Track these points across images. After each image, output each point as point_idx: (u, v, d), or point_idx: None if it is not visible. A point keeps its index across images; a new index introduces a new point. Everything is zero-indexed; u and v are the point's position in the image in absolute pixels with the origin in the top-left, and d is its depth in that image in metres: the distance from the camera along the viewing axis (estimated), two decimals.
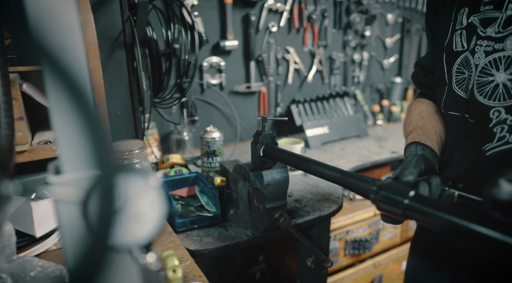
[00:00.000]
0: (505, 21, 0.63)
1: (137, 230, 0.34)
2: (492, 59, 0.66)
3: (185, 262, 0.83)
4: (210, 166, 1.37)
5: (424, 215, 0.50)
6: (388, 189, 0.55)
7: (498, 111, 0.66)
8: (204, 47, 1.76)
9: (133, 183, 0.33)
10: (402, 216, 0.53)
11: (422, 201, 0.51)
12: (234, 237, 1.07)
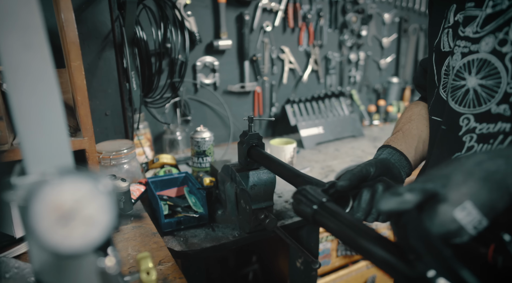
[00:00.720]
0: (484, 20, 0.58)
1: (85, 234, 0.33)
2: (466, 61, 0.61)
3: (166, 264, 0.83)
4: (200, 166, 1.36)
5: (326, 223, 0.52)
6: (304, 193, 0.57)
7: (468, 119, 0.62)
8: (197, 46, 1.75)
9: (81, 185, 0.33)
10: (311, 221, 0.54)
11: (327, 209, 0.52)
12: (221, 238, 1.07)
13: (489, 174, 0.42)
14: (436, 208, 0.43)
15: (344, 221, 0.49)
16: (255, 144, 1.02)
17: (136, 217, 0.44)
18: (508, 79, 0.56)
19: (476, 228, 0.42)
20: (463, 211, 0.41)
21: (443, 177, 0.44)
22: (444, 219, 0.42)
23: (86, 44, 1.22)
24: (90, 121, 0.88)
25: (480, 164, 0.43)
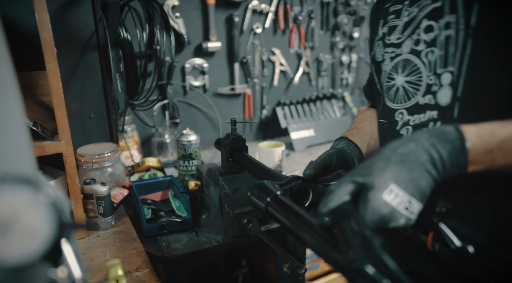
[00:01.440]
0: (402, 27, 0.67)
1: (24, 245, 0.31)
2: (394, 64, 0.69)
3: (144, 270, 0.81)
4: (187, 169, 1.34)
5: (277, 215, 0.54)
6: (260, 186, 0.60)
7: (401, 113, 0.69)
8: (186, 48, 1.73)
9: (19, 194, 0.31)
10: (265, 213, 0.57)
11: (280, 202, 0.55)
12: (204, 243, 1.05)
13: (404, 156, 0.46)
14: (367, 196, 0.46)
15: (293, 213, 0.51)
16: (238, 147, 1.01)
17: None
18: (427, 72, 0.63)
19: (409, 209, 0.45)
20: (390, 193, 0.45)
21: (367, 167, 0.48)
22: (376, 204, 0.45)
23: (68, 46, 1.20)
24: (67, 125, 0.86)
25: (395, 149, 0.47)
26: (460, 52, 0.57)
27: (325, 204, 0.48)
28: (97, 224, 0.97)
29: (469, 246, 0.46)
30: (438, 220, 0.48)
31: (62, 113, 0.84)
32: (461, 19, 0.56)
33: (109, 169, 1.19)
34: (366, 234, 0.41)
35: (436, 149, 0.46)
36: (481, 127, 0.47)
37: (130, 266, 0.82)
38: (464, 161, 0.46)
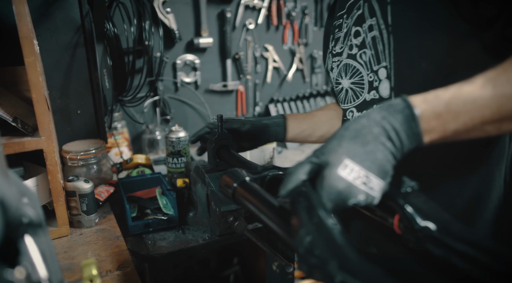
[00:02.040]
0: (343, 38, 0.75)
1: None
2: (338, 70, 0.77)
3: (125, 269, 0.79)
4: (175, 166, 1.33)
5: (243, 201, 0.55)
6: (229, 174, 0.61)
7: (351, 111, 0.76)
8: (177, 44, 1.71)
9: None
10: (231, 198, 0.58)
11: (247, 187, 0.56)
12: (190, 241, 1.03)
13: (356, 132, 0.46)
14: (322, 174, 0.46)
15: (258, 197, 0.51)
16: (225, 144, 0.99)
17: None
18: (366, 71, 0.69)
19: (367, 184, 0.44)
20: (345, 168, 0.44)
21: (322, 148, 0.48)
22: (331, 180, 0.44)
23: (54, 40, 1.18)
24: (47, 120, 0.84)
25: (347, 127, 0.47)
26: (387, 48, 0.63)
27: (283, 186, 0.47)
28: (81, 221, 0.96)
29: (431, 224, 0.45)
30: (403, 201, 0.47)
31: (42, 109, 0.82)
32: (380, 21, 0.64)
33: (95, 166, 1.17)
34: (319, 214, 0.41)
35: (388, 121, 0.45)
36: (425, 94, 0.46)
37: (111, 265, 0.80)
38: (417, 128, 0.45)
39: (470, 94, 0.44)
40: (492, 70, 0.44)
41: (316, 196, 0.45)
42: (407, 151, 0.47)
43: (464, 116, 0.44)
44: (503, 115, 0.43)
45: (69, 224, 0.96)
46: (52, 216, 0.91)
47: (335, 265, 0.37)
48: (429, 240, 0.45)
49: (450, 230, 0.44)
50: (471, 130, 0.46)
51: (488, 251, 0.40)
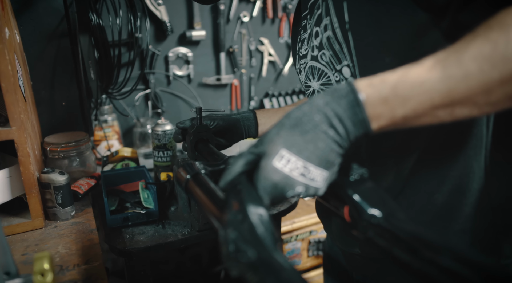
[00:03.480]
0: (307, 39, 0.72)
1: None
2: (305, 73, 0.73)
3: (92, 263, 0.77)
4: (161, 160, 1.30)
5: (192, 192, 0.55)
6: (185, 165, 0.60)
7: None
8: (169, 37, 1.69)
9: None
10: (183, 189, 0.57)
11: (198, 180, 0.55)
12: (169, 235, 1.01)
13: (297, 120, 0.43)
14: (259, 165, 0.43)
15: (206, 190, 0.51)
16: (203, 137, 0.96)
17: None
18: (331, 71, 0.66)
19: (306, 176, 0.42)
20: (281, 159, 0.41)
21: (263, 137, 0.45)
22: (266, 172, 0.42)
23: (37, 31, 1.16)
24: (18, 110, 0.82)
25: (289, 115, 0.44)
26: (346, 46, 0.60)
27: (222, 178, 0.45)
28: (56, 214, 0.94)
29: (377, 211, 0.43)
30: (351, 189, 0.45)
31: (11, 98, 0.81)
32: (334, 19, 0.60)
33: (78, 158, 1.15)
34: (245, 209, 0.39)
35: (331, 107, 0.42)
36: (371, 78, 0.43)
37: (79, 259, 0.79)
38: (362, 114, 0.41)
39: (418, 77, 0.40)
40: (442, 52, 0.41)
41: (248, 189, 0.43)
42: (355, 139, 0.44)
43: (412, 100, 0.41)
44: (454, 99, 0.40)
45: (45, 217, 0.95)
46: (27, 208, 0.90)
47: (252, 259, 0.36)
48: (375, 228, 0.43)
49: (395, 216, 0.42)
50: (422, 116, 0.42)
51: (426, 240, 0.38)
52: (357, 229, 0.46)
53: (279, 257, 0.35)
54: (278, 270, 0.34)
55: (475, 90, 0.39)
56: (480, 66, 0.38)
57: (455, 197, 0.61)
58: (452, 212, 0.61)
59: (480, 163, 0.60)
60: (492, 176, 0.60)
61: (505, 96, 0.39)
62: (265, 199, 0.43)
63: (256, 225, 0.38)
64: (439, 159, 0.60)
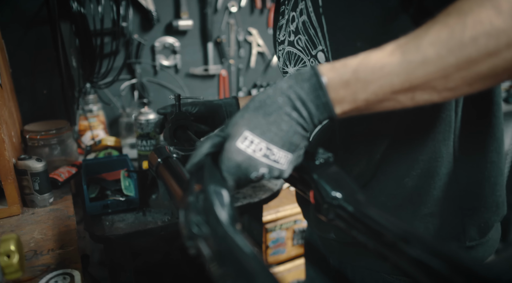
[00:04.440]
0: (285, 25, 0.71)
1: None
2: (283, 59, 0.73)
3: (67, 248, 0.77)
4: (144, 149, 1.30)
5: (162, 175, 0.56)
6: (157, 149, 0.61)
7: None
8: (156, 26, 1.68)
9: None
10: (154, 172, 0.58)
11: (168, 164, 0.55)
12: (149, 223, 1.01)
13: (261, 102, 0.43)
14: (224, 147, 0.44)
15: (175, 174, 0.50)
16: (182, 124, 0.96)
17: None
18: (307, 57, 0.65)
19: (269, 157, 0.42)
20: (244, 140, 0.42)
21: (229, 120, 0.46)
22: (229, 153, 0.43)
23: (16, 17, 1.14)
24: None
25: (254, 98, 0.44)
26: (320, 30, 0.59)
27: (189, 160, 0.45)
28: (34, 201, 0.94)
29: (339, 194, 0.43)
30: (316, 173, 0.46)
31: None
32: (309, 3, 0.60)
33: (58, 147, 1.15)
34: (206, 189, 0.39)
35: (294, 90, 0.42)
36: (334, 62, 0.43)
37: (55, 244, 0.79)
38: (325, 97, 0.42)
39: (378, 61, 0.41)
40: (403, 37, 0.41)
41: (211, 170, 0.43)
42: (319, 123, 0.44)
43: (373, 84, 0.41)
44: (413, 83, 0.40)
45: (23, 203, 0.95)
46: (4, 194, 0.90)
47: (209, 239, 0.36)
48: (336, 210, 0.43)
49: (355, 199, 0.43)
50: (384, 101, 0.42)
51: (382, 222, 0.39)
52: (321, 212, 0.47)
53: (238, 239, 0.35)
54: (237, 253, 0.34)
55: (433, 75, 0.39)
56: (438, 51, 0.38)
57: (424, 181, 0.61)
58: (421, 195, 0.62)
59: (449, 147, 0.60)
60: (459, 161, 0.61)
61: (462, 81, 0.39)
62: (228, 180, 0.44)
63: (215, 205, 0.39)
64: (409, 143, 0.61)
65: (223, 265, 0.33)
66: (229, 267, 0.33)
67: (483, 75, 0.38)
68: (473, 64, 0.38)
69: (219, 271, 0.33)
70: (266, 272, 0.31)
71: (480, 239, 0.64)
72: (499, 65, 0.37)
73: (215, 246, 0.35)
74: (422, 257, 0.34)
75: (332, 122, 0.46)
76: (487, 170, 0.61)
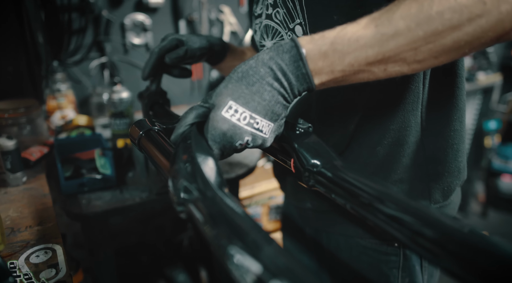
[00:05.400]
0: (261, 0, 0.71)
1: None
2: (260, 32, 0.73)
3: (46, 224, 0.77)
4: (118, 128, 1.29)
5: (145, 147, 0.55)
6: (139, 122, 0.61)
7: None
8: (126, 2, 1.62)
9: None
10: (137, 145, 0.58)
11: (150, 136, 0.55)
12: (127, 200, 1.01)
13: (243, 73, 0.45)
14: (209, 117, 0.45)
15: (158, 145, 0.51)
16: (158, 100, 0.96)
17: None
18: (284, 30, 0.66)
19: (253, 126, 0.44)
20: (229, 110, 0.44)
21: (212, 91, 0.47)
22: (215, 122, 0.44)
23: None
24: None
25: (236, 69, 0.46)
26: (298, 4, 0.60)
27: (174, 131, 0.46)
28: (5, 180, 0.91)
29: (318, 161, 0.46)
30: (296, 142, 0.48)
31: None
32: None
33: (28, 126, 1.11)
34: (193, 154, 0.41)
35: (275, 61, 0.44)
36: (313, 35, 0.46)
37: (32, 221, 0.78)
38: (304, 68, 0.44)
39: (354, 33, 0.43)
40: (377, 11, 0.44)
41: (197, 139, 0.44)
42: (299, 94, 0.46)
43: (349, 56, 0.43)
44: (386, 55, 0.43)
45: None
46: None
47: (200, 201, 0.37)
48: (316, 176, 0.46)
49: (334, 165, 0.45)
50: (359, 72, 0.45)
51: (363, 186, 0.41)
52: (301, 179, 0.49)
53: (228, 200, 0.36)
54: (228, 213, 0.35)
55: (404, 47, 0.42)
56: (408, 24, 0.41)
57: (394, 149, 0.65)
58: (391, 163, 0.66)
59: (417, 117, 0.64)
60: (426, 130, 0.65)
61: (430, 53, 0.42)
62: (214, 149, 0.45)
63: (204, 170, 0.40)
64: (381, 114, 0.64)
65: (215, 226, 0.34)
66: (222, 227, 0.34)
67: (447, 48, 0.41)
68: (439, 37, 0.41)
69: (212, 233, 0.34)
70: (257, 229, 0.33)
71: (443, 201, 0.69)
72: (461, 39, 0.40)
73: (206, 209, 0.36)
74: (396, 214, 0.37)
75: (310, 93, 0.48)
76: (451, 138, 0.66)
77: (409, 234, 0.36)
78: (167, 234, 1.79)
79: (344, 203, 0.43)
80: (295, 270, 0.27)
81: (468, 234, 0.32)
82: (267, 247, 0.30)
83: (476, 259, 0.30)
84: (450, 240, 0.33)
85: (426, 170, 0.67)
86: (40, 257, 0.66)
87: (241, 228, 0.33)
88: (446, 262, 0.33)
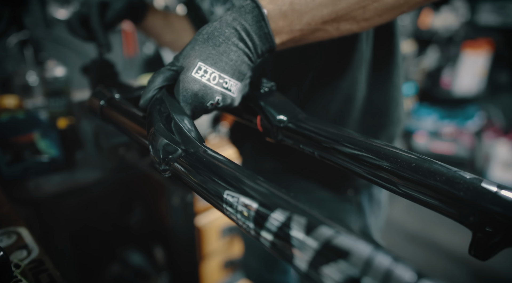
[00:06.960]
0: None
1: None
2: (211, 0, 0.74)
3: None
4: (57, 108, 1.20)
5: (111, 116, 0.54)
6: (97, 91, 0.60)
7: None
8: None
9: None
10: (99, 116, 0.56)
11: (114, 104, 0.54)
12: (79, 180, 0.97)
13: (209, 34, 0.45)
14: (178, 79, 0.46)
15: (125, 112, 0.50)
16: (107, 72, 0.92)
17: None
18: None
19: (222, 86, 0.46)
20: (199, 71, 0.45)
21: (178, 54, 0.47)
22: (185, 83, 0.45)
23: None
24: None
25: (200, 31, 0.47)
26: None
27: (142, 96, 0.47)
28: None
29: (284, 116, 0.49)
30: (262, 100, 0.50)
31: None
32: None
33: None
34: (171, 114, 0.42)
35: (238, 21, 0.46)
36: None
37: None
38: (267, 28, 0.46)
39: None
40: None
41: (170, 100, 0.45)
42: (262, 53, 0.49)
43: (306, 15, 0.47)
44: (338, 14, 0.47)
45: None
46: None
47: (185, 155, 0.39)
48: (283, 131, 0.50)
49: (298, 118, 0.50)
50: (315, 31, 0.49)
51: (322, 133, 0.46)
52: (269, 135, 0.53)
53: (210, 150, 0.39)
54: (213, 161, 0.37)
55: (354, 6, 0.47)
56: None
57: (345, 105, 0.71)
58: (343, 118, 0.72)
59: (363, 74, 0.71)
60: (371, 85, 0.72)
61: (375, 12, 0.48)
62: (186, 110, 0.46)
63: (183, 127, 0.41)
64: (332, 73, 0.70)
65: (206, 176, 0.36)
66: (213, 176, 0.36)
67: (390, 6, 0.47)
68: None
69: (203, 183, 0.36)
70: (244, 172, 0.35)
71: None
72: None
73: (192, 162, 0.38)
74: (354, 152, 0.43)
75: (270, 54, 0.50)
76: (392, 91, 0.74)
77: (368, 169, 0.41)
78: (114, 218, 1.73)
79: (312, 151, 0.48)
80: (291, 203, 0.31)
81: (419, 160, 0.38)
82: (261, 185, 0.33)
83: (427, 179, 0.36)
84: (405, 168, 0.38)
85: (373, 122, 0.74)
86: (4, 241, 0.62)
87: (227, 173, 0.35)
88: (404, 188, 0.39)
